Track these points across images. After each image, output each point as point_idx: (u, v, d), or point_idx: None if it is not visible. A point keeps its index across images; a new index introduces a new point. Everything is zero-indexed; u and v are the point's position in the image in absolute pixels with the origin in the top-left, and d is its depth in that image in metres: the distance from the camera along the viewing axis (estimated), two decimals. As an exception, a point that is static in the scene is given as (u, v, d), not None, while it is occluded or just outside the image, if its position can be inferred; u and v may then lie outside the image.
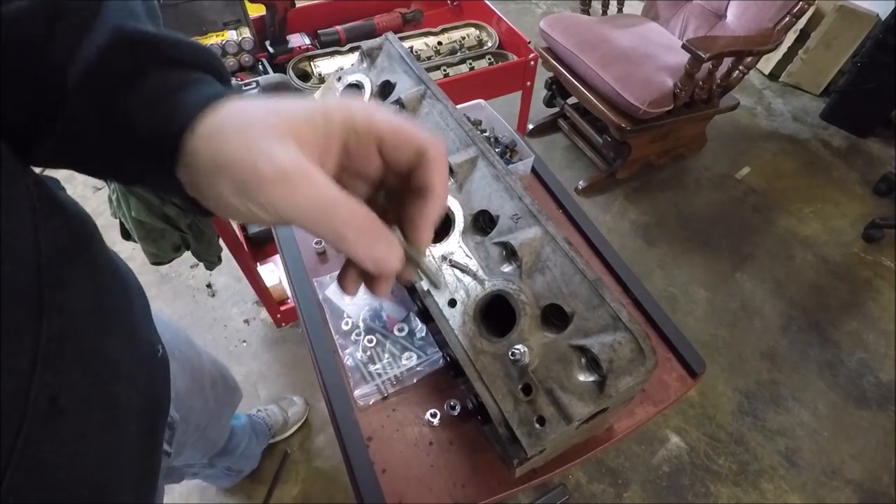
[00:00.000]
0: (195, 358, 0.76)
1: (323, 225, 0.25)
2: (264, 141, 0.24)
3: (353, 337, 0.68)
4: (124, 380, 0.33)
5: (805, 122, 2.42)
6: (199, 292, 1.72)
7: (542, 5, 3.05)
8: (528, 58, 1.22)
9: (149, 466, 0.39)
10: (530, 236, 0.51)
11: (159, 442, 0.42)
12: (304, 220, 0.24)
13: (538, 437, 0.45)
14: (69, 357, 0.27)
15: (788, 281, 1.82)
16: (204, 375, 0.78)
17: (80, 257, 0.30)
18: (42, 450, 0.25)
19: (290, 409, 1.41)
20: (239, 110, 0.25)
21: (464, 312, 0.52)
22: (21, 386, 0.24)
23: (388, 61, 0.70)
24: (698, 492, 1.36)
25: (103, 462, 0.30)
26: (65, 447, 0.26)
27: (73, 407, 0.27)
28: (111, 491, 0.31)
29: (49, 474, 0.26)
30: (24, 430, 0.24)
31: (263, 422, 1.32)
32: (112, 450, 0.31)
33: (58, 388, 0.25)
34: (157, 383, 0.41)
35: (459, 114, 0.62)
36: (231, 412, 0.96)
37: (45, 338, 0.25)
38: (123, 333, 0.34)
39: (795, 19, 1.66)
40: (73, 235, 0.30)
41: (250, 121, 0.25)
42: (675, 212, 2.03)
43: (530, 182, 0.88)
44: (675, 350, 0.68)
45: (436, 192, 0.29)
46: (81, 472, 0.28)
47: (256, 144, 0.24)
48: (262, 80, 1.00)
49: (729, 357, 1.62)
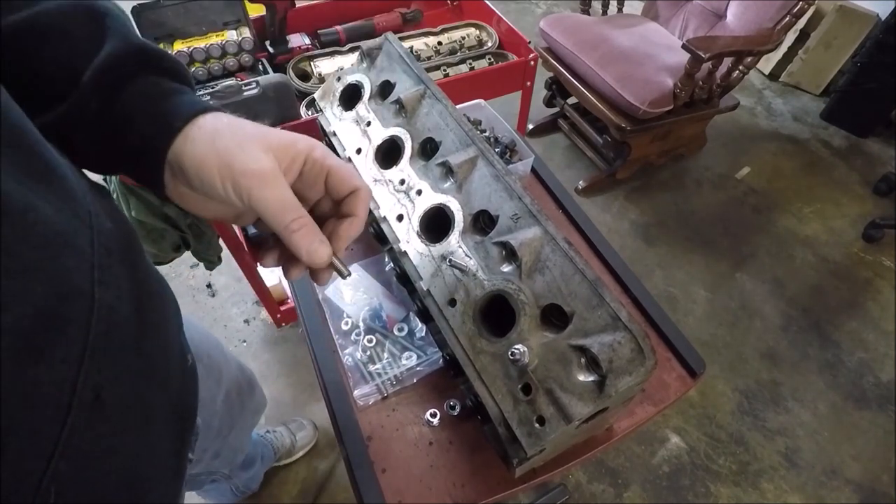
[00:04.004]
0: (223, 364, 0.75)
1: (279, 217, 0.34)
2: (252, 148, 0.33)
3: (353, 337, 0.68)
4: (159, 382, 0.35)
5: (805, 122, 2.42)
6: (199, 292, 1.72)
7: (542, 5, 3.05)
8: (528, 58, 1.22)
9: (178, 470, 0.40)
10: (530, 236, 0.51)
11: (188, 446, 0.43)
12: (265, 210, 0.33)
13: (538, 436, 0.45)
14: (112, 354, 0.28)
15: (788, 281, 1.82)
16: (230, 381, 0.77)
17: (126, 260, 0.32)
18: (84, 440, 0.26)
19: (298, 432, 1.37)
20: (235, 122, 0.35)
21: (463, 312, 0.52)
22: (70, 376, 0.25)
23: (387, 61, 0.70)
24: (698, 492, 1.36)
25: (138, 459, 0.31)
26: (104, 440, 0.27)
27: (114, 402, 0.28)
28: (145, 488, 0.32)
29: (89, 466, 0.27)
30: (70, 419, 0.24)
31: (270, 444, 1.29)
32: (146, 448, 0.33)
33: (101, 381, 0.27)
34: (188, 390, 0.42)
35: (459, 114, 0.62)
36: (255, 419, 0.94)
37: (94, 332, 0.26)
38: (160, 338, 0.36)
39: (795, 19, 1.66)
40: (120, 239, 0.32)
41: (245, 132, 0.34)
42: (675, 212, 2.03)
43: (530, 182, 0.89)
44: (675, 350, 0.68)
45: (360, 217, 0.39)
46: (118, 467, 0.29)
47: (248, 147, 0.33)
48: (262, 80, 0.99)
49: (729, 357, 1.62)
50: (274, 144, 0.34)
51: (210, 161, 0.33)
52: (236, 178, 0.32)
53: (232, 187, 0.33)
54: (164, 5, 1.11)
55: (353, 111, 0.69)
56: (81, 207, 0.29)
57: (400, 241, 0.59)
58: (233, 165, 0.32)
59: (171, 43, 1.15)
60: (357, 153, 0.67)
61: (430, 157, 0.61)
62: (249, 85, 0.98)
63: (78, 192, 0.29)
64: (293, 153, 0.35)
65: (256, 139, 0.34)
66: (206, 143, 0.33)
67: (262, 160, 0.33)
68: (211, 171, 0.33)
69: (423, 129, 0.63)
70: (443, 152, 0.60)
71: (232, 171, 0.32)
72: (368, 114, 0.68)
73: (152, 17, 1.12)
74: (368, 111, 0.68)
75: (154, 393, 0.34)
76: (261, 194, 0.33)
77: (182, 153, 0.33)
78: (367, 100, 0.69)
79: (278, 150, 0.34)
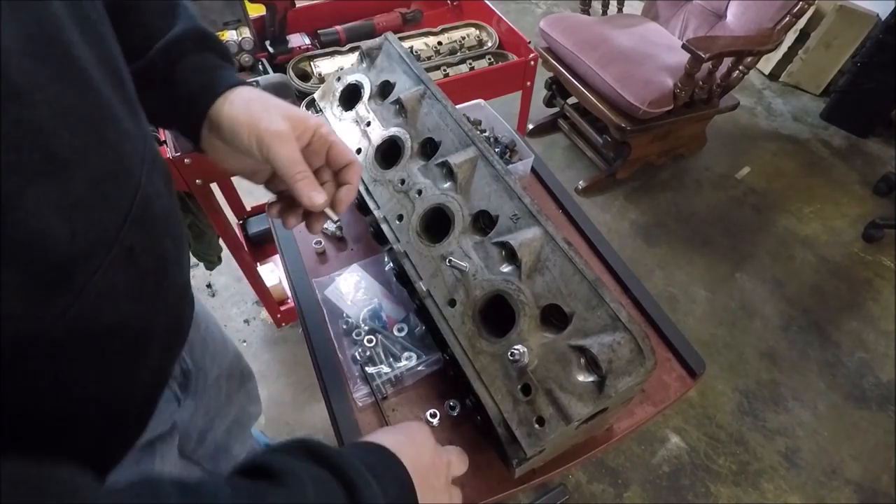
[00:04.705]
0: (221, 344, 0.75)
1: (288, 169, 0.43)
2: (276, 115, 0.43)
3: (353, 337, 0.68)
4: (170, 275, 0.41)
5: (805, 122, 2.42)
6: (199, 292, 1.72)
7: (542, 5, 3.05)
8: (528, 58, 1.22)
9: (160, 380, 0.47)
10: (530, 236, 0.51)
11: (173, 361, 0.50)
12: (279, 163, 0.43)
13: (537, 437, 0.45)
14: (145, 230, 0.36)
15: (788, 281, 1.82)
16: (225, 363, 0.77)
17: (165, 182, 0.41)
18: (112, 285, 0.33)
19: None
20: (264, 94, 0.45)
21: (463, 312, 0.52)
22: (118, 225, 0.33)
23: (387, 61, 0.70)
24: (698, 492, 1.36)
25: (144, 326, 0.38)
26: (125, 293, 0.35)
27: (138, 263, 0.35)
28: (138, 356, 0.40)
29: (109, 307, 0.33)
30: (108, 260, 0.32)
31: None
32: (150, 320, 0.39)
33: (133, 244, 0.34)
34: (184, 314, 0.49)
35: (459, 114, 0.62)
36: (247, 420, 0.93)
37: (136, 207, 0.34)
38: (177, 248, 0.43)
39: (795, 19, 1.66)
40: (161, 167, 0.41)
41: (271, 103, 0.44)
42: (675, 212, 2.03)
43: (530, 182, 0.89)
44: (674, 350, 0.68)
45: (353, 184, 0.48)
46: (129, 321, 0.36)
47: (272, 113, 0.43)
48: (262, 80, 0.99)
49: (729, 357, 1.62)
50: (292, 115, 0.44)
51: (242, 119, 0.43)
52: (261, 134, 0.42)
53: (256, 142, 0.42)
54: (164, 5, 1.11)
55: (353, 111, 0.69)
56: (142, 130, 0.38)
57: (400, 241, 0.59)
58: (259, 125, 0.42)
59: (171, 43, 1.15)
60: (357, 153, 0.67)
61: (430, 158, 0.61)
62: (249, 85, 0.98)
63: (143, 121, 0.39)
64: (305, 126, 0.44)
65: (279, 109, 0.44)
66: (240, 106, 0.44)
67: (281, 124, 0.42)
68: (241, 127, 0.43)
69: (423, 129, 0.63)
70: (443, 152, 0.60)
71: (258, 129, 0.42)
72: (368, 114, 0.68)
73: (152, 17, 1.12)
74: (368, 111, 0.68)
75: (161, 285, 0.40)
76: (277, 149, 0.42)
77: (220, 112, 0.44)
78: (366, 100, 0.69)
79: (294, 120, 0.44)
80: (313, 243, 0.79)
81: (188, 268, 0.49)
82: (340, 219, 0.80)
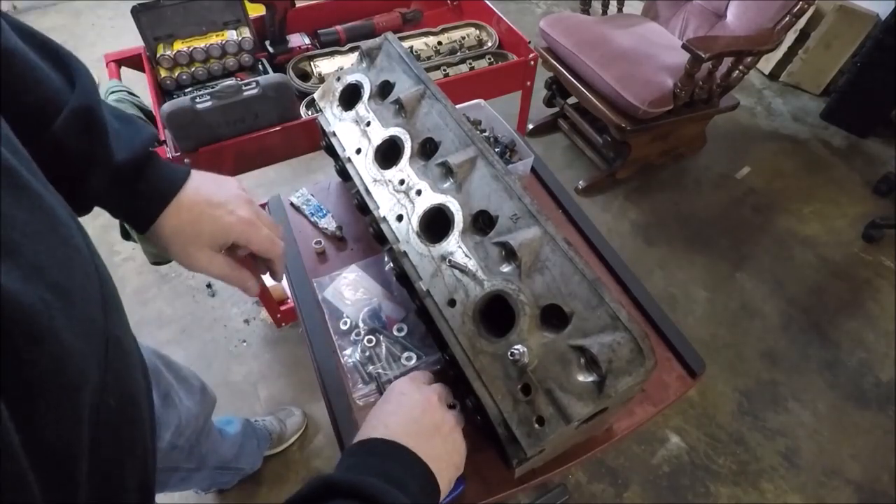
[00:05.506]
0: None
1: (215, 277, 0.53)
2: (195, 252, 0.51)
3: (353, 337, 0.68)
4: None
5: (805, 122, 2.42)
6: (199, 292, 1.72)
7: (542, 5, 3.05)
8: (528, 58, 1.22)
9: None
10: (529, 236, 0.51)
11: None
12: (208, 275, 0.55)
13: (537, 437, 0.45)
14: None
15: (788, 281, 1.82)
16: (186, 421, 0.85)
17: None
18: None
19: (287, 419, 1.40)
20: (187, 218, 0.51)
21: (463, 312, 0.52)
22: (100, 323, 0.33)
23: (387, 61, 0.70)
24: (698, 492, 1.36)
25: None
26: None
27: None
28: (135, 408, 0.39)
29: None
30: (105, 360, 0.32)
31: (264, 427, 1.32)
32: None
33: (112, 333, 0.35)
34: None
35: (459, 114, 0.62)
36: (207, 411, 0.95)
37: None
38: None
39: (795, 19, 1.66)
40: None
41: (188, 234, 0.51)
42: (675, 212, 2.03)
43: (530, 182, 0.89)
44: (674, 350, 0.68)
45: (278, 275, 0.58)
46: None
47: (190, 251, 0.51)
48: (262, 80, 0.99)
49: (729, 357, 1.62)
50: (207, 241, 0.51)
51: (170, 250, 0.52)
52: (183, 262, 0.52)
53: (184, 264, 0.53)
54: (164, 5, 1.11)
55: (353, 111, 0.69)
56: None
57: (400, 241, 0.59)
58: (180, 260, 0.52)
59: (171, 43, 1.15)
60: (357, 153, 0.67)
61: (429, 157, 0.61)
62: (249, 85, 0.98)
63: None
64: (223, 241, 0.52)
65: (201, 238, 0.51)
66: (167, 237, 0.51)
67: (200, 260, 0.52)
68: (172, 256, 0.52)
69: (423, 129, 0.63)
70: (442, 152, 0.60)
71: (180, 259, 0.52)
72: (368, 114, 0.68)
73: (152, 17, 1.11)
74: (368, 111, 0.68)
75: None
76: (201, 271, 0.52)
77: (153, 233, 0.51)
78: (366, 100, 0.69)
79: (212, 242, 0.52)
80: (313, 243, 0.79)
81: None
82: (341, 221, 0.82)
